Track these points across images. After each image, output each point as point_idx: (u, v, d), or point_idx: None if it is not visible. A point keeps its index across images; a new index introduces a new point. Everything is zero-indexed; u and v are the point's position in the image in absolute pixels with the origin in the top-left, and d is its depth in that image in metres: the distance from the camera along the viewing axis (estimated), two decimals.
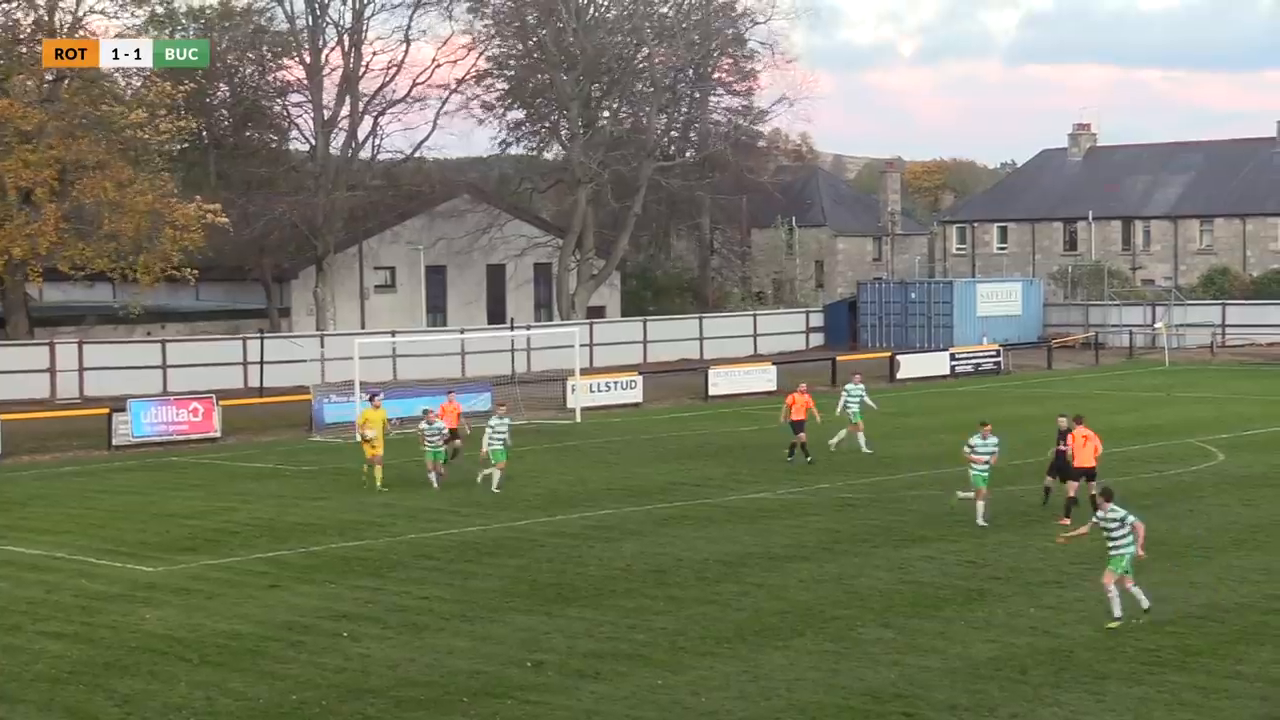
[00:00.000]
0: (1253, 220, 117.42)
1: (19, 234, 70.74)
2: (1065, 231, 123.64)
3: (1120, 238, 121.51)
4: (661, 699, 24.23)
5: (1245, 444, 53.15)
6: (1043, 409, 59.46)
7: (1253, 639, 27.29)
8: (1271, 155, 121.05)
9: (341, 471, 50.28)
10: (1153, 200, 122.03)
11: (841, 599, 30.92)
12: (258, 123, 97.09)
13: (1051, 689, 24.49)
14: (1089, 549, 35.39)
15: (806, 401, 49.60)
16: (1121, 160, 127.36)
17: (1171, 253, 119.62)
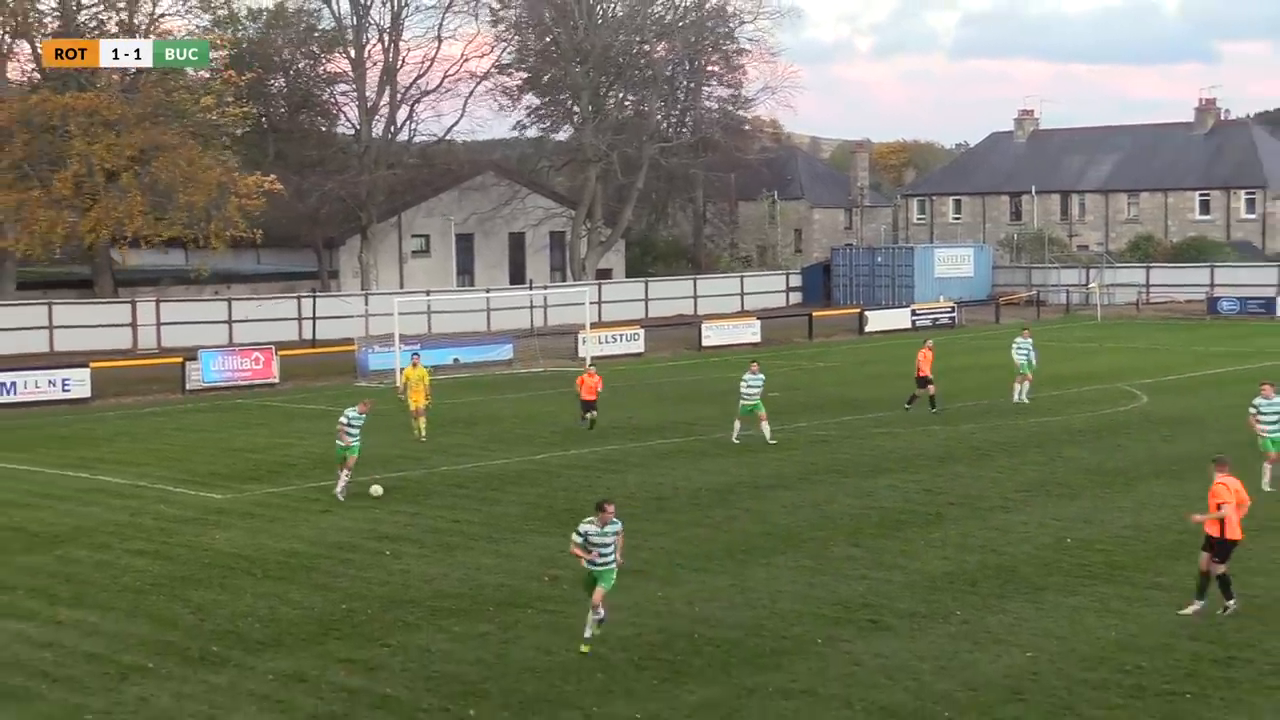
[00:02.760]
0: (1173, 194, 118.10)
1: (109, 215, 71.06)
2: (1011, 204, 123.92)
3: (1059, 209, 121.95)
4: (661, 609, 24.38)
5: (1165, 388, 53.25)
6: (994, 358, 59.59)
7: (1170, 555, 27.39)
8: (1188, 138, 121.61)
9: (383, 413, 50.31)
10: (1086, 177, 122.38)
11: (816, 522, 31.04)
12: (309, 109, 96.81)
13: (998, 599, 24.62)
14: (1031, 478, 35.56)
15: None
16: (1060, 142, 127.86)
17: (1103, 222, 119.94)
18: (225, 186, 73.15)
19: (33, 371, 57.16)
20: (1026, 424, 44.54)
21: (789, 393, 53.22)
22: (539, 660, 21.58)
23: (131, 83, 77.58)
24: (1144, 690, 19.91)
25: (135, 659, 22.13)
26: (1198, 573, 23.22)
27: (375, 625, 23.73)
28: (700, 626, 23.28)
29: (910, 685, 20.26)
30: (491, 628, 23.38)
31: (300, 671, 21.37)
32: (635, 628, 23.08)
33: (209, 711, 19.71)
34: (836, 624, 23.29)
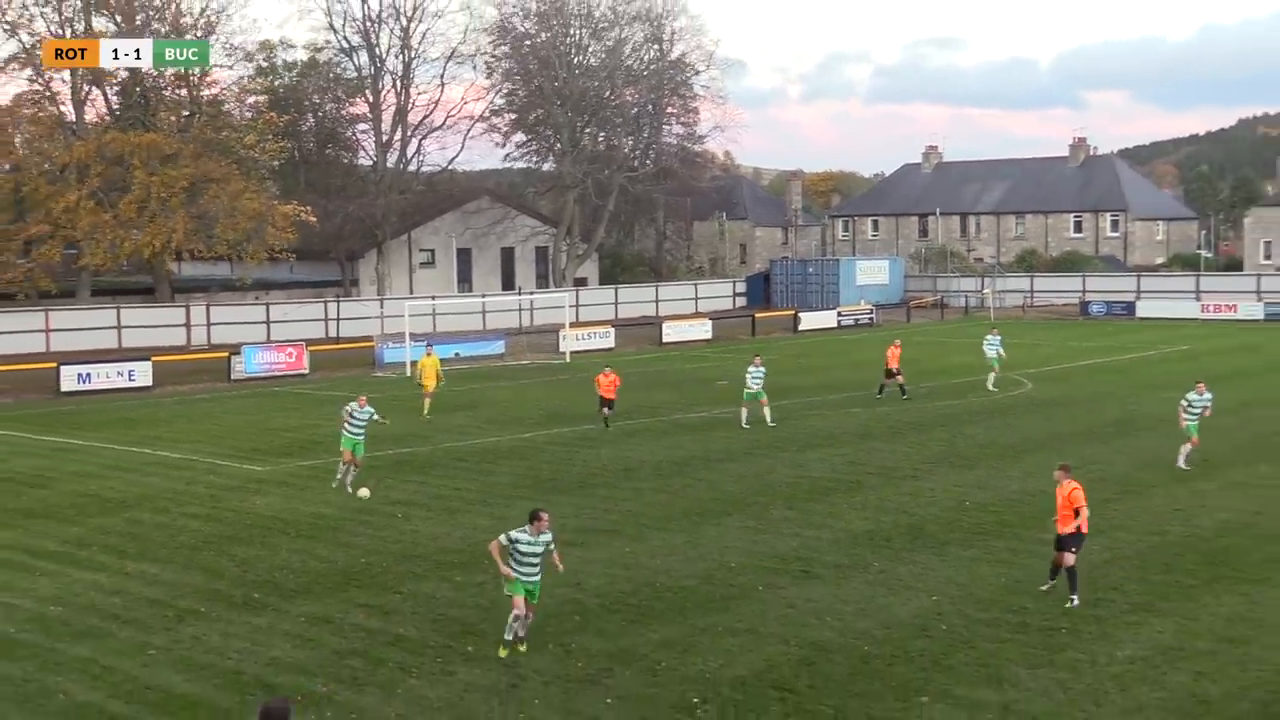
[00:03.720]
0: (1052, 216, 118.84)
1: (159, 232, 71.42)
2: (920, 223, 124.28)
3: (959, 228, 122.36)
4: (629, 561, 24.37)
5: (1046, 377, 53.42)
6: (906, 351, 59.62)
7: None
8: (1064, 170, 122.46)
9: (396, 398, 50.19)
10: (981, 201, 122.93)
11: (758, 489, 31.05)
12: (334, 144, 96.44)
13: (908, 552, 24.68)
14: (936, 452, 35.65)
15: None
16: (959, 173, 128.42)
17: (995, 239, 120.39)
18: (264, 216, 73.48)
19: (104, 364, 56.79)
20: (933, 406, 44.65)
21: (735, 382, 53.19)
22: None
23: (186, 123, 77.51)
24: (1028, 626, 19.99)
25: (190, 604, 22.05)
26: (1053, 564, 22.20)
27: (389, 576, 23.67)
28: (661, 576, 23.28)
29: (835, 624, 20.29)
30: (486, 578, 23.30)
31: (327, 614, 21.30)
32: (607, 578, 23.06)
33: (251, 648, 19.63)
34: (775, 574, 23.31)
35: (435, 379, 45.68)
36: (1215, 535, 25.44)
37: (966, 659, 18.55)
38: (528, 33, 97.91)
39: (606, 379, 41.11)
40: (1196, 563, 23.43)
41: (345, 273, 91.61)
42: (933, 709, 16.67)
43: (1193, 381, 34.69)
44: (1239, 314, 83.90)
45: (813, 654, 18.89)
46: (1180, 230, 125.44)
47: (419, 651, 19.36)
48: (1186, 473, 31.82)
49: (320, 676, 18.30)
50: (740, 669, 18.32)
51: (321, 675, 18.36)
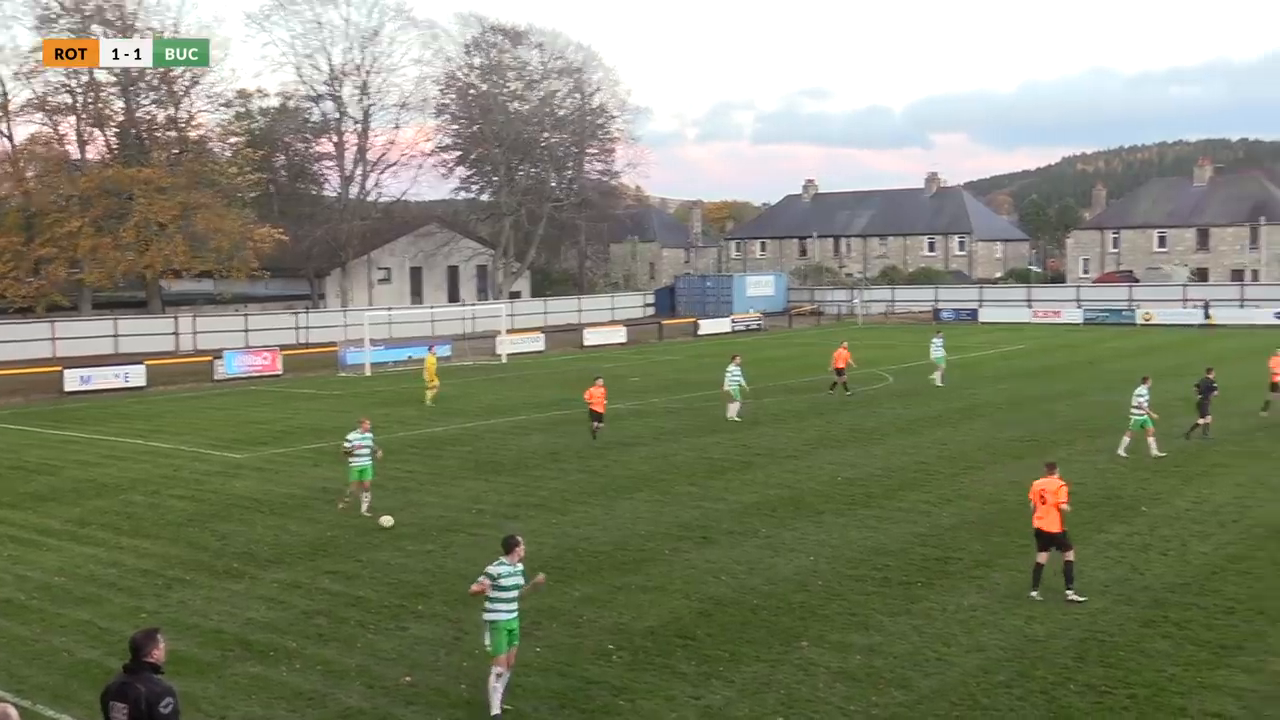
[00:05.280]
0: (910, 238, 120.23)
1: (159, 253, 70.74)
2: (800, 245, 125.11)
3: (833, 248, 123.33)
4: (555, 531, 24.25)
5: (905, 372, 53.90)
6: (787, 351, 60.08)
7: (909, 486, 27.72)
8: (919, 199, 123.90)
9: (357, 394, 49.70)
10: (851, 226, 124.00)
11: (665, 468, 31.05)
12: (304, 178, 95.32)
13: (791, 519, 24.76)
14: (814, 435, 35.83)
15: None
16: (833, 202, 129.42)
17: (863, 257, 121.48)
18: (244, 235, 72.83)
19: (103, 368, 55.70)
20: (812, 397, 44.89)
21: (646, 378, 53.26)
22: (468, 569, 21.31)
23: (176, 158, 76.52)
24: (889, 581, 20.13)
25: (177, 573, 21.64)
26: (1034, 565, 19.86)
27: (351, 547, 23.38)
28: (582, 543, 23.20)
29: (730, 581, 20.31)
30: (435, 547, 23.14)
31: (296, 580, 20.99)
32: (536, 544, 22.91)
33: (230, 610, 19.30)
34: (679, 540, 23.30)
35: (433, 374, 45.88)
36: None
37: (839, 609, 18.64)
38: (471, 84, 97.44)
39: (597, 391, 35.99)
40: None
41: (313, 288, 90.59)
42: (810, 652, 16.74)
43: (1086, 376, 35.15)
44: (1063, 319, 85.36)
45: (711, 607, 18.89)
46: (1015, 250, 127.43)
47: (376, 611, 19.13)
48: (1045, 450, 32.22)
49: (290, 634, 18.04)
50: (650, 620, 18.29)
51: (291, 633, 18.09)
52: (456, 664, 16.56)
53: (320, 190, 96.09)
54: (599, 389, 36.09)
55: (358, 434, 26.29)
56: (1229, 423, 35.37)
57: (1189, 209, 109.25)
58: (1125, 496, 26.00)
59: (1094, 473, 29.01)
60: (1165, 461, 29.98)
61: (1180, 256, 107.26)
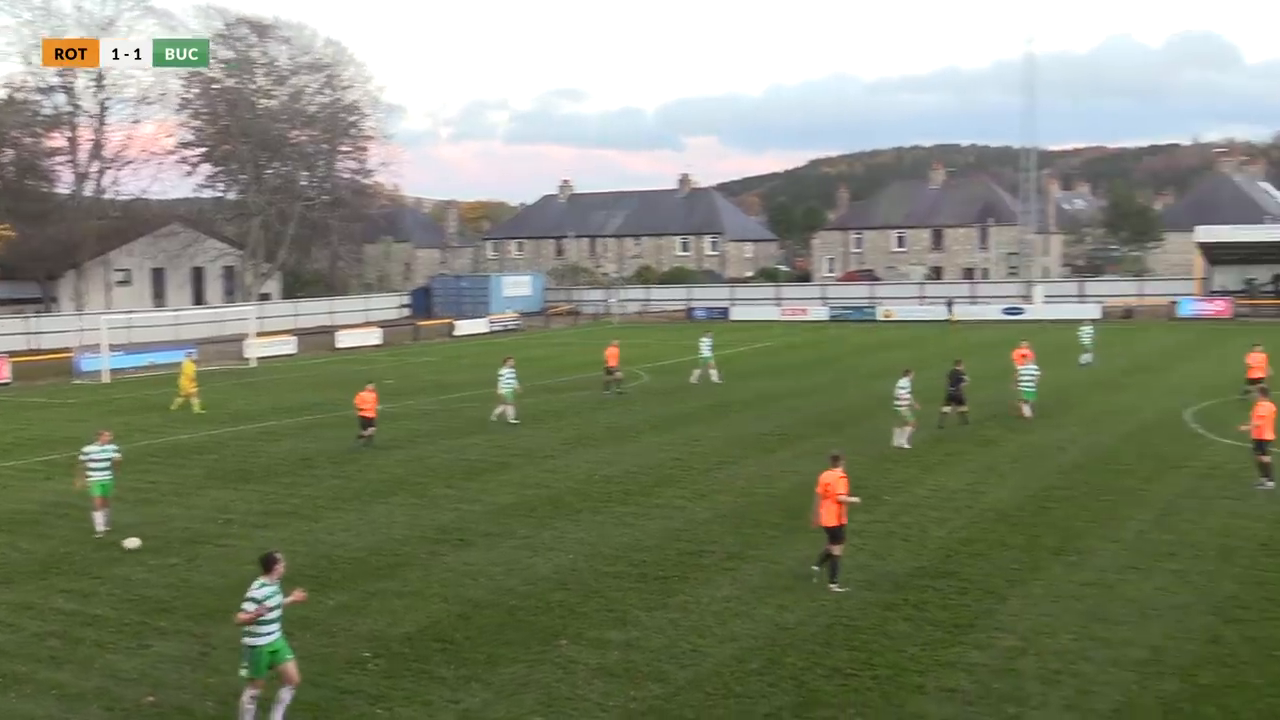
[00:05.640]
0: (664, 238, 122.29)
1: None
2: (556, 245, 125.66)
3: (589, 248, 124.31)
4: (309, 539, 23.64)
5: (660, 370, 54.80)
6: (545, 351, 60.23)
7: (664, 482, 28.15)
8: (673, 200, 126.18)
9: (94, 402, 47.27)
10: (607, 226, 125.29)
11: (421, 471, 30.66)
12: (33, 174, 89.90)
13: (549, 519, 24.79)
14: (572, 435, 36.00)
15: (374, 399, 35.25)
16: (589, 202, 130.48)
17: (618, 257, 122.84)
18: None
19: None
20: (569, 397, 45.12)
21: (404, 380, 52.50)
22: (215, 582, 20.62)
23: None
24: (647, 576, 20.41)
25: None
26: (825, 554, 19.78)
27: (88, 563, 22.19)
28: (336, 550, 22.69)
29: (487, 583, 20.21)
30: (178, 560, 22.21)
31: (27, 601, 19.79)
32: (289, 553, 22.12)
33: None
34: (436, 543, 23.05)
35: (192, 381, 44.14)
36: (791, 494, 26.59)
37: (597, 606, 18.78)
38: (216, 78, 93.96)
39: (368, 396, 34.52)
40: (779, 517, 24.44)
41: (45, 291, 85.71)
42: (569, 650, 16.82)
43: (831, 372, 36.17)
44: (810, 316, 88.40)
45: (469, 610, 18.76)
46: (764, 249, 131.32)
47: (116, 629, 18.22)
48: (768, 445, 33.17)
49: (20, 658, 16.99)
50: (407, 626, 18.03)
51: (21, 657, 17.04)
52: (202, 681, 15.93)
53: (52, 188, 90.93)
54: (370, 394, 34.79)
55: (96, 447, 24.77)
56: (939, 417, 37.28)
57: (925, 211, 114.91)
58: (869, 486, 27.04)
59: None
60: (907, 451, 31.38)
61: (917, 256, 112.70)
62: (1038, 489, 26.50)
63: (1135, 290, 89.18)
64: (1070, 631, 16.98)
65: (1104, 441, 32.34)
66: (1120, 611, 17.81)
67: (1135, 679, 15.22)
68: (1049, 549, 21.45)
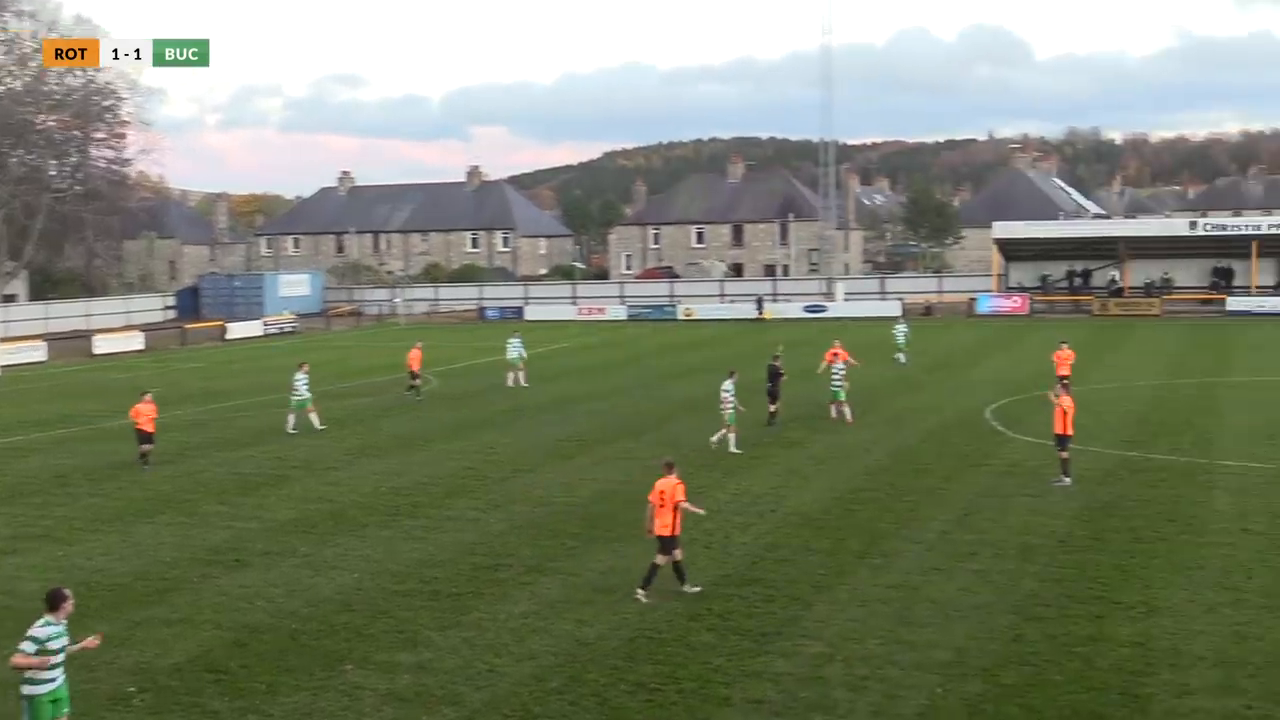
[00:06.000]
0: (453, 234, 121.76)
1: None
2: (337, 241, 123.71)
3: (372, 245, 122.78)
4: (64, 565, 22.67)
5: (452, 374, 54.46)
6: (325, 355, 59.17)
7: (456, 493, 28.02)
8: (462, 193, 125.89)
9: None
10: (391, 221, 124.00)
11: (191, 487, 29.73)
12: None
13: (332, 535, 24.40)
14: (355, 445, 35.44)
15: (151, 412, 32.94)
16: (371, 195, 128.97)
17: (404, 254, 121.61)
18: None
19: None
20: (353, 404, 44.37)
21: (170, 388, 50.74)
22: None
23: None
24: (439, 593, 20.26)
25: None
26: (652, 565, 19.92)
27: None
28: (96, 576, 21.81)
29: (266, 606, 19.75)
30: None
31: None
32: (42, 582, 21.26)
33: None
34: (208, 565, 22.39)
35: None
36: (592, 502, 26.80)
37: (386, 627, 18.55)
38: None
39: (145, 408, 32.43)
40: (578, 527, 24.58)
41: None
42: (356, 675, 16.57)
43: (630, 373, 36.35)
44: (607, 315, 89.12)
45: (245, 636, 18.29)
46: (559, 245, 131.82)
47: None
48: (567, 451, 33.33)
49: None
50: (176, 656, 17.47)
51: None
52: None
53: None
54: (148, 405, 32.65)
55: None
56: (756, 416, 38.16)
57: (724, 206, 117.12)
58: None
59: (641, 470, 30.43)
60: (710, 455, 31.91)
61: (717, 252, 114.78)
62: (842, 491, 27.33)
63: (935, 287, 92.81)
64: (876, 636, 17.57)
65: (907, 441, 33.57)
66: (925, 614, 18.52)
67: (940, 681, 15.84)
68: (854, 552, 22.14)
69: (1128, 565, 20.81)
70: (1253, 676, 15.76)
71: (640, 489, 28.06)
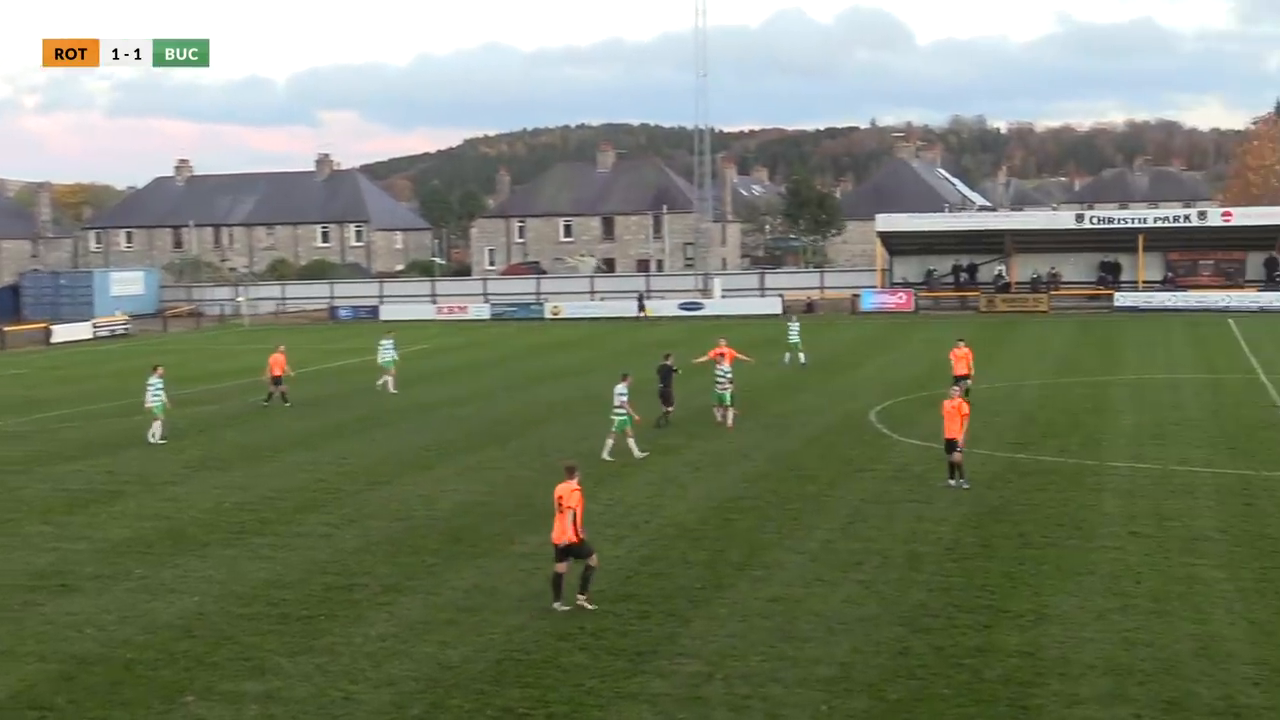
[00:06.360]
0: (301, 227, 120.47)
1: None
2: (174, 235, 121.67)
3: (213, 239, 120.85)
4: None
5: (300, 379, 53.44)
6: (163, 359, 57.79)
7: (307, 507, 27.65)
8: (311, 183, 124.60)
9: None
10: (234, 213, 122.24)
11: (10, 506, 28.83)
12: None
13: (170, 556, 23.89)
14: (196, 457, 34.76)
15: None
16: (212, 185, 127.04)
17: (248, 249, 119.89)
18: None
19: None
20: (193, 412, 43.47)
21: None
22: None
23: None
24: (289, 617, 19.96)
25: None
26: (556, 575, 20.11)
27: None
28: None
29: (97, 635, 19.26)
30: None
31: None
32: None
33: None
34: (31, 590, 21.74)
35: None
36: (453, 515, 26.64)
37: (230, 654, 18.23)
38: None
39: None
40: (439, 542, 24.42)
41: None
42: (198, 707, 16.25)
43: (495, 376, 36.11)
44: (470, 314, 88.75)
45: (73, 668, 17.81)
46: (417, 239, 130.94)
47: None
48: (432, 460, 33.11)
49: None
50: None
51: None
52: None
53: None
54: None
55: None
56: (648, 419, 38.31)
57: (594, 197, 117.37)
58: (537, 504, 27.34)
59: (504, 480, 30.37)
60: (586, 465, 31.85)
61: (587, 246, 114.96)
62: (721, 500, 27.54)
63: (817, 283, 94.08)
64: (758, 652, 17.75)
65: (789, 446, 33.96)
66: (808, 627, 18.76)
67: (825, 698, 16.06)
68: (734, 564, 22.34)
69: (1016, 572, 21.32)
70: (1142, 684, 16.25)
71: (505, 500, 28.05)
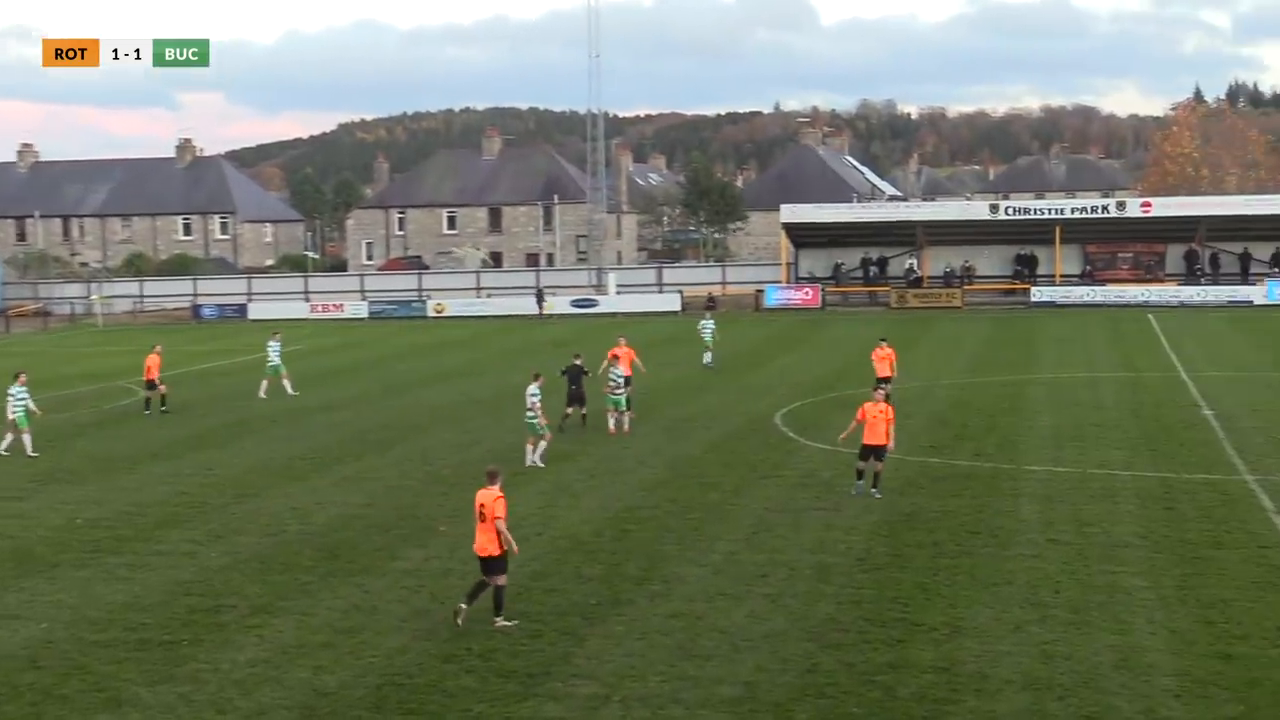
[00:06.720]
0: (160, 218, 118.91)
1: None
2: (18, 226, 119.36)
3: (62, 231, 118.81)
4: None
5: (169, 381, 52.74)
6: (6, 363, 56.66)
7: (169, 523, 27.21)
8: (171, 170, 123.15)
9: None
10: (85, 203, 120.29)
11: None
12: None
13: (14, 579, 23.35)
14: (43, 469, 34.06)
15: None
16: (60, 172, 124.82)
17: (101, 242, 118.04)
18: None
19: None
20: (41, 421, 42.50)
21: None
22: None
23: None
24: (148, 643, 19.62)
25: None
26: (475, 584, 20.26)
27: None
28: None
29: None
30: None
31: None
32: None
33: None
34: None
35: None
36: (330, 530, 26.37)
37: (82, 685, 17.86)
38: None
39: None
40: (314, 559, 24.15)
41: None
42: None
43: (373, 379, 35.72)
44: (346, 313, 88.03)
45: None
46: (288, 232, 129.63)
47: None
48: (305, 471, 32.75)
49: None
50: None
51: None
52: None
53: None
54: None
55: None
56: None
57: (480, 186, 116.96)
58: (421, 516, 27.20)
59: (384, 491, 30.12)
60: (465, 472, 31.74)
61: (473, 239, 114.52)
62: (617, 510, 27.55)
63: (719, 278, 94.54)
64: (658, 672, 17.77)
65: (689, 451, 34.06)
66: (711, 645, 18.82)
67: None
68: (631, 579, 22.35)
69: (930, 583, 21.57)
70: (1062, 699, 16.51)
71: (386, 513, 27.82)
